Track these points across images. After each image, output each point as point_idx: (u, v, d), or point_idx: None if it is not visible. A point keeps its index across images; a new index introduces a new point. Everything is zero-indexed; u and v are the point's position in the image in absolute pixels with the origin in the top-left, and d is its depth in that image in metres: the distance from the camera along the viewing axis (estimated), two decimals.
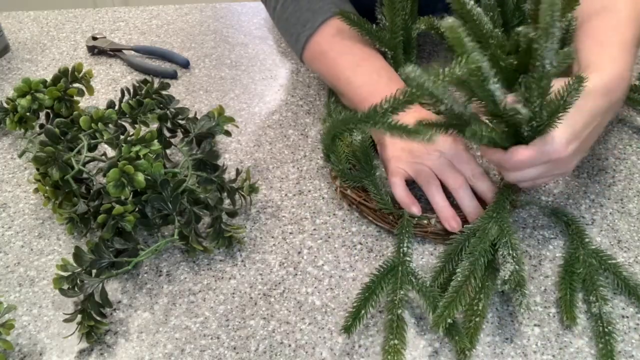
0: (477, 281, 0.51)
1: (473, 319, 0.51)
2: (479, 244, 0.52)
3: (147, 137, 0.58)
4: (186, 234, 0.56)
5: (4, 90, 0.83)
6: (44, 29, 0.97)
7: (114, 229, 0.55)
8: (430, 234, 0.59)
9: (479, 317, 0.51)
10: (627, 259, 0.57)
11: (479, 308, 0.51)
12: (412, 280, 0.53)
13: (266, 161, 0.70)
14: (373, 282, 0.53)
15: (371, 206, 0.61)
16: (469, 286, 0.50)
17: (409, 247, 0.56)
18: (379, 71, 0.68)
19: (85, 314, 0.51)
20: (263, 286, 0.56)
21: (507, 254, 0.51)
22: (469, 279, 0.50)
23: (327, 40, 0.71)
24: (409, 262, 0.55)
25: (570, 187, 0.65)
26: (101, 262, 0.53)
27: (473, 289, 0.50)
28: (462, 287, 0.50)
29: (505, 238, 0.52)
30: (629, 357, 0.49)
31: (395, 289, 0.53)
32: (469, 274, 0.51)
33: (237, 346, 0.51)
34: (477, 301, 0.51)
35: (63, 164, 0.57)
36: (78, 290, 0.51)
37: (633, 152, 0.69)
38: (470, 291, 0.50)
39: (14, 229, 0.63)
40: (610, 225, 0.61)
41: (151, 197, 0.56)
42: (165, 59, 0.88)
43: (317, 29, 0.71)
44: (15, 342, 0.52)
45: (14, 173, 0.70)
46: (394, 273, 0.54)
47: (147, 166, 0.56)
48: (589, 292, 0.53)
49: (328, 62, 0.71)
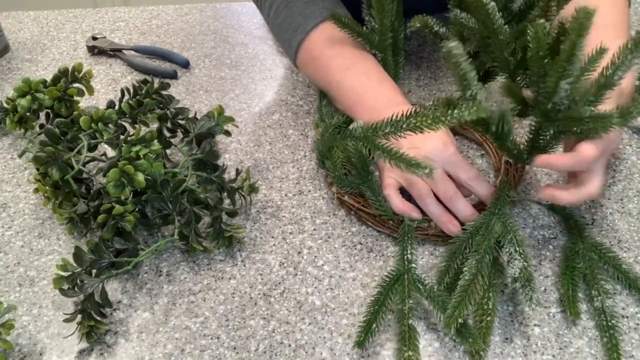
0: (484, 279, 0.50)
1: (484, 318, 0.50)
2: (483, 241, 0.52)
3: (147, 137, 0.58)
4: (186, 234, 0.56)
5: (4, 90, 0.83)
6: (44, 29, 0.97)
7: (114, 229, 0.55)
8: (432, 236, 0.59)
9: (490, 315, 0.50)
10: (627, 259, 0.57)
11: (489, 307, 0.51)
12: (420, 287, 0.53)
13: (266, 161, 0.70)
14: (381, 293, 0.52)
15: (370, 212, 0.60)
16: (477, 284, 0.50)
17: (412, 253, 0.56)
18: (368, 73, 0.67)
19: (85, 314, 0.51)
20: (263, 286, 0.56)
21: (513, 251, 0.51)
22: (476, 277, 0.50)
23: (318, 45, 0.70)
24: (414, 268, 0.54)
25: None
26: (101, 262, 0.53)
27: (481, 287, 0.50)
28: (470, 285, 0.50)
29: (510, 235, 0.52)
30: (629, 357, 0.49)
31: (403, 298, 0.52)
32: (476, 272, 0.50)
33: (237, 346, 0.51)
34: (486, 300, 0.51)
35: (63, 164, 0.57)
36: (78, 290, 0.51)
37: (633, 152, 0.69)
38: (479, 289, 0.50)
39: (14, 229, 0.63)
40: (610, 225, 0.61)
41: (151, 197, 0.56)
42: (165, 59, 0.88)
43: (308, 34, 0.70)
44: (15, 342, 0.52)
45: (14, 173, 0.70)
46: (400, 282, 0.53)
47: (147, 166, 0.56)
48: (591, 287, 0.53)
49: (319, 67, 0.70)
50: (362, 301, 0.54)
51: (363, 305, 0.54)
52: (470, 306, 0.48)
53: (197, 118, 0.68)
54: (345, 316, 0.53)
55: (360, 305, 0.54)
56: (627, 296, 0.54)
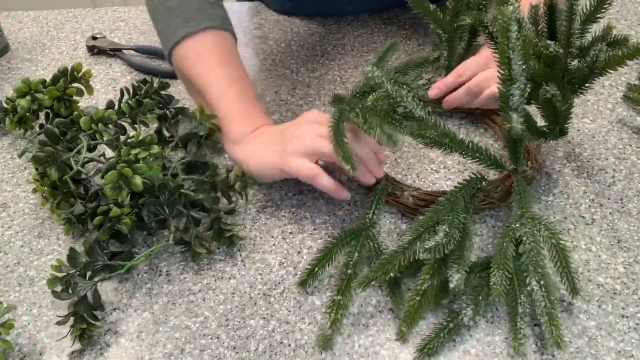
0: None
1: (415, 298, 0.51)
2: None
3: (147, 140, 0.58)
4: (187, 240, 0.56)
5: (4, 90, 0.83)
6: (44, 29, 0.97)
7: (110, 231, 0.55)
8: (401, 205, 0.61)
9: (422, 297, 0.51)
10: (627, 259, 0.57)
11: (422, 288, 0.51)
12: (373, 247, 0.56)
13: None
14: (333, 244, 0.56)
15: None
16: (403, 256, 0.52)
17: (375, 214, 0.59)
18: (227, 93, 0.65)
19: (77, 317, 0.50)
20: (263, 286, 0.56)
21: (442, 229, 0.52)
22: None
23: (204, 45, 0.67)
24: (372, 229, 0.57)
25: (570, 187, 0.65)
26: (95, 264, 0.53)
27: (406, 259, 0.51)
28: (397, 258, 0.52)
29: (452, 215, 0.53)
30: (629, 357, 0.49)
31: (353, 253, 0.55)
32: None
33: (237, 346, 0.51)
34: (422, 282, 0.51)
35: (62, 164, 0.57)
36: (71, 292, 0.51)
37: (633, 152, 0.69)
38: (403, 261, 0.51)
39: (14, 229, 0.63)
40: (610, 225, 0.61)
41: (148, 201, 0.56)
42: (165, 59, 0.88)
43: (199, 33, 0.66)
44: (15, 342, 0.52)
45: (14, 173, 0.70)
46: (355, 237, 0.56)
47: (146, 170, 0.56)
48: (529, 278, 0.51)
49: (192, 69, 0.67)
50: (362, 301, 0.54)
51: (363, 305, 0.54)
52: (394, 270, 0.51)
53: (178, 122, 0.66)
54: (345, 316, 0.53)
55: (360, 305, 0.54)
56: (627, 296, 0.54)
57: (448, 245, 0.51)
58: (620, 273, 0.56)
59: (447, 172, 0.67)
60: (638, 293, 0.54)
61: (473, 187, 0.58)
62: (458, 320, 0.50)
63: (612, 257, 0.57)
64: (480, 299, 0.51)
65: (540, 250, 0.52)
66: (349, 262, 0.55)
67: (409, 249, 0.52)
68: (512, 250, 0.52)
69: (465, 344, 0.51)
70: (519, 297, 0.51)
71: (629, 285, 0.55)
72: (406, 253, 0.51)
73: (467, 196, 0.57)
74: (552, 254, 0.52)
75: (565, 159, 0.68)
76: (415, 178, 0.66)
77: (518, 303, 0.51)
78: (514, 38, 0.49)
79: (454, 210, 0.54)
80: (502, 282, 0.49)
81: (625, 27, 0.90)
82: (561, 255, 0.51)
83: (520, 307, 0.51)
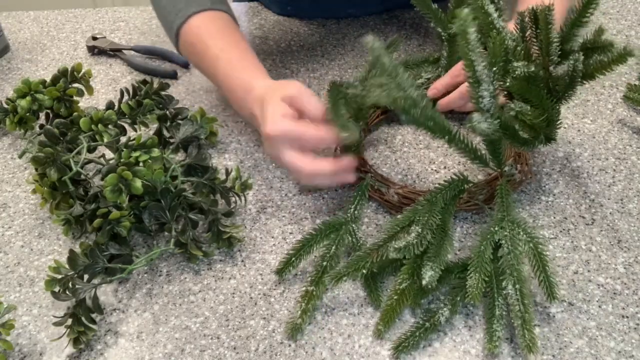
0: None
1: (393, 297, 0.51)
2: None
3: (148, 143, 0.58)
4: (184, 242, 0.56)
5: (4, 90, 0.83)
6: (44, 29, 0.97)
7: (109, 233, 0.55)
8: (386, 202, 0.61)
9: (400, 296, 0.51)
10: (627, 259, 0.57)
11: (401, 287, 0.51)
12: (352, 241, 0.57)
13: (266, 161, 0.70)
14: (312, 235, 0.56)
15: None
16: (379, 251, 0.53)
17: (357, 209, 0.59)
18: (233, 62, 0.68)
19: (75, 319, 0.50)
20: (263, 286, 0.56)
21: (415, 229, 0.52)
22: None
23: (196, 32, 0.69)
24: (353, 224, 0.58)
25: (570, 187, 0.65)
26: (95, 267, 0.53)
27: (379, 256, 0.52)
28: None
29: (428, 215, 0.53)
30: (629, 357, 0.49)
31: (330, 246, 0.56)
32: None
33: (237, 346, 0.51)
34: (400, 281, 0.52)
35: (61, 165, 0.57)
36: (70, 294, 0.51)
37: (633, 152, 0.69)
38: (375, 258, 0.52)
39: (14, 229, 0.63)
40: (610, 225, 0.60)
41: (150, 205, 0.56)
42: (165, 59, 0.88)
43: (188, 19, 0.69)
44: (15, 342, 0.52)
45: (14, 173, 0.70)
46: (335, 230, 0.57)
47: (146, 173, 0.56)
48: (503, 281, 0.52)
49: (197, 55, 0.70)
50: (362, 301, 0.54)
51: (363, 305, 0.54)
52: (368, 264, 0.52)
53: (179, 124, 0.67)
54: (345, 316, 0.53)
55: (360, 305, 0.54)
56: (627, 296, 0.54)
57: (419, 245, 0.51)
58: (620, 273, 0.56)
59: (447, 172, 0.67)
60: (638, 293, 0.54)
61: (454, 188, 0.57)
62: (434, 319, 0.51)
63: (612, 257, 0.57)
64: (457, 299, 0.51)
65: (517, 254, 0.52)
66: (325, 254, 0.55)
67: (382, 246, 0.52)
68: (489, 252, 0.52)
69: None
70: (496, 299, 0.51)
71: (629, 285, 0.55)
72: (379, 251, 0.52)
73: (448, 197, 0.57)
74: (530, 258, 0.52)
75: (566, 158, 0.68)
76: (415, 178, 0.66)
77: (495, 305, 0.51)
78: (472, 40, 0.49)
79: (432, 211, 0.54)
80: (478, 285, 0.49)
81: (625, 27, 0.90)
82: (539, 260, 0.51)
83: (497, 309, 0.51)
